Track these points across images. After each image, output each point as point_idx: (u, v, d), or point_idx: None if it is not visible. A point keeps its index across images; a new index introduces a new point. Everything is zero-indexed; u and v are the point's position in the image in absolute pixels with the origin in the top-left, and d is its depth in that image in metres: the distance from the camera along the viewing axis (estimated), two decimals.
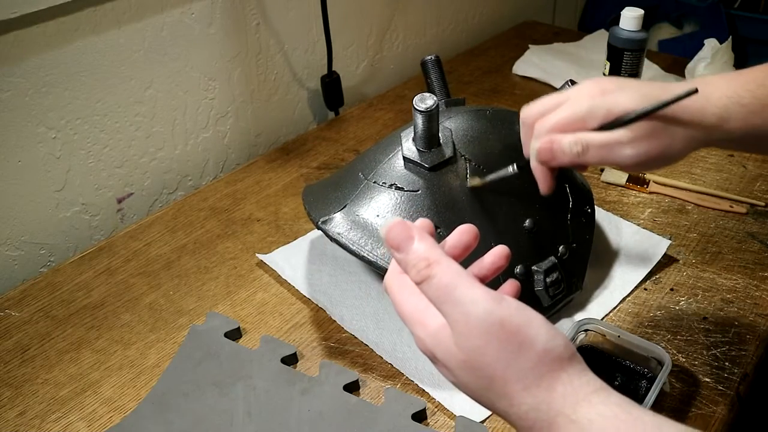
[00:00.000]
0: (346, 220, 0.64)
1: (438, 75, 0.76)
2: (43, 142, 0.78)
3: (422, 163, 0.64)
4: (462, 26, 1.38)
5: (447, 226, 0.62)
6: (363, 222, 0.64)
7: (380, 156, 0.68)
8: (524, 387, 0.37)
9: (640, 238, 0.78)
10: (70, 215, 0.84)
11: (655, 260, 0.74)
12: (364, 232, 0.63)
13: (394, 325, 0.67)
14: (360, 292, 0.71)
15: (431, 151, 0.65)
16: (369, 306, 0.70)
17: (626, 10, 0.94)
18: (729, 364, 0.62)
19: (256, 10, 0.96)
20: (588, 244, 0.71)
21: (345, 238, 0.63)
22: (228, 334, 0.66)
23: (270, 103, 1.04)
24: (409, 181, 0.65)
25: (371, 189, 0.65)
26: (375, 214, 0.64)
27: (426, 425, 0.58)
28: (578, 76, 1.18)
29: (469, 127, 0.68)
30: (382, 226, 0.39)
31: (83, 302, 0.73)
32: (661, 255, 0.74)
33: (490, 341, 0.37)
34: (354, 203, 0.65)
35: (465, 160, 0.66)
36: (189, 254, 0.79)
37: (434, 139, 0.65)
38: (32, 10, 0.72)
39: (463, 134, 0.67)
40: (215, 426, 0.58)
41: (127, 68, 0.84)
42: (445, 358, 0.38)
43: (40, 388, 0.63)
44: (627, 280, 0.72)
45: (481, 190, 0.65)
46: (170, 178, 0.95)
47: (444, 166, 0.65)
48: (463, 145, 0.67)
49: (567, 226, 0.69)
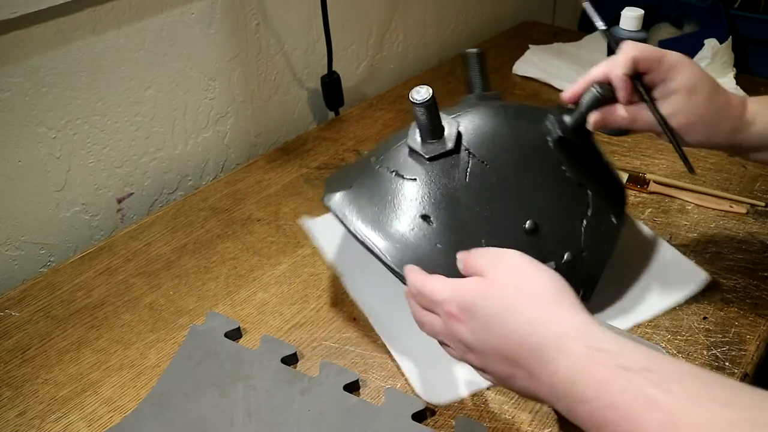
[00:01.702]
0: (346, 198, 0.67)
1: (477, 69, 0.77)
2: (43, 142, 0.78)
3: (422, 153, 0.65)
4: (462, 26, 1.38)
5: (439, 218, 0.63)
6: (361, 202, 0.66)
7: (391, 143, 0.69)
8: (545, 310, 0.44)
9: (676, 264, 0.73)
10: (70, 215, 0.84)
11: (686, 294, 0.69)
12: (360, 212, 0.65)
13: (400, 305, 0.69)
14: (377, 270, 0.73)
15: (433, 143, 0.65)
16: (381, 281, 0.72)
17: (626, 10, 0.94)
18: (729, 364, 0.62)
19: (256, 10, 0.96)
20: (604, 254, 0.67)
21: (341, 215, 0.66)
22: (228, 334, 0.66)
23: (270, 103, 1.04)
24: (409, 170, 0.66)
25: (376, 173, 0.67)
26: (372, 196, 0.66)
27: (426, 425, 0.58)
28: (578, 76, 1.17)
29: (484, 123, 0.68)
30: None
31: (83, 302, 0.73)
32: (694, 290, 0.69)
33: (516, 278, 0.47)
34: (358, 184, 0.67)
35: (469, 154, 0.65)
36: (189, 254, 0.79)
37: (437, 130, 0.65)
38: (32, 10, 0.72)
39: (475, 129, 0.67)
40: (215, 426, 0.58)
41: (127, 68, 0.84)
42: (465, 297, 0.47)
43: (40, 388, 0.63)
44: (645, 305, 0.68)
45: (489, 177, 0.65)
46: (170, 178, 0.95)
47: (443, 158, 0.65)
48: (472, 140, 0.66)
49: (580, 233, 0.66)
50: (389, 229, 0.63)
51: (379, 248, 0.63)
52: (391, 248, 0.62)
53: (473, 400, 0.60)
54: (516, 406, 0.60)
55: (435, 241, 0.62)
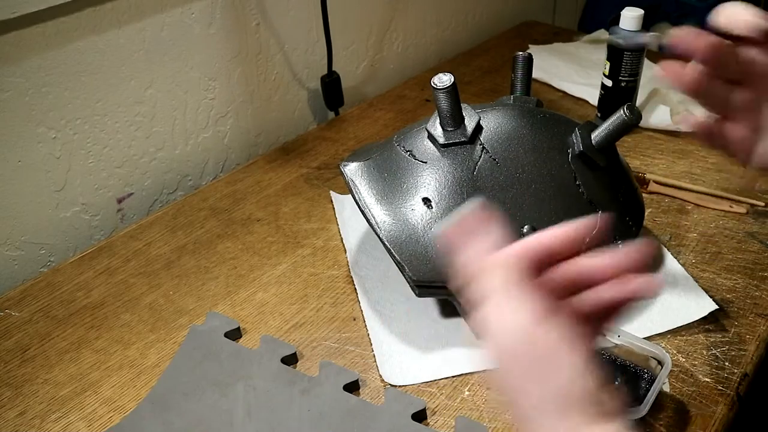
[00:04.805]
0: (361, 168, 0.69)
1: (523, 73, 0.78)
2: (43, 142, 0.78)
3: (437, 138, 0.67)
4: (462, 26, 1.38)
5: (439, 204, 0.64)
6: (372, 175, 0.68)
7: (415, 125, 0.71)
8: (534, 406, 0.36)
9: (685, 289, 0.71)
10: (70, 215, 0.84)
11: (688, 320, 0.67)
12: (369, 184, 0.68)
13: (394, 286, 0.73)
14: (379, 247, 0.76)
15: (451, 131, 0.67)
16: (385, 263, 0.75)
17: (626, 10, 0.94)
18: (729, 364, 0.62)
19: (256, 10, 0.96)
20: None
21: (352, 183, 0.68)
22: (228, 334, 0.66)
23: (270, 103, 1.04)
24: (422, 152, 0.68)
25: (394, 151, 0.69)
26: (384, 171, 0.69)
27: (426, 425, 0.58)
28: (578, 76, 1.18)
29: (506, 123, 0.68)
30: (438, 228, 0.40)
31: (83, 302, 0.73)
32: (696, 318, 0.67)
33: (518, 354, 0.37)
34: (375, 158, 0.70)
35: (483, 149, 0.66)
36: (189, 254, 0.79)
37: (456, 118, 0.66)
38: (32, 10, 0.72)
39: (496, 127, 0.68)
40: (215, 426, 0.58)
41: (127, 68, 0.84)
42: None
43: (40, 388, 0.63)
44: (645, 328, 0.66)
45: (497, 175, 0.65)
46: (170, 178, 0.95)
47: (457, 147, 0.66)
48: (490, 136, 0.67)
49: None
50: (390, 204, 0.66)
51: (376, 220, 0.65)
52: (387, 222, 0.65)
53: (473, 400, 0.60)
54: None
55: (430, 225, 0.64)
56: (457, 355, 0.65)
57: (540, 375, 0.36)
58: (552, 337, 0.36)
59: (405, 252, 0.63)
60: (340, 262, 0.77)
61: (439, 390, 0.62)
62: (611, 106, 0.97)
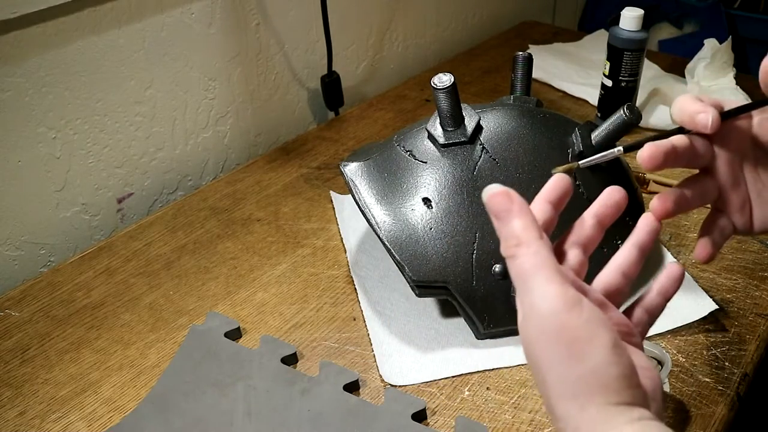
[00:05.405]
0: (361, 168, 0.69)
1: (523, 73, 0.78)
2: (43, 142, 0.78)
3: (436, 138, 0.67)
4: (462, 26, 1.38)
5: (438, 204, 0.65)
6: (372, 175, 0.68)
7: (416, 125, 0.71)
8: (559, 395, 0.36)
9: (685, 289, 0.68)
10: (70, 215, 0.84)
11: (688, 320, 0.66)
12: (369, 184, 0.68)
13: (394, 286, 0.73)
14: (379, 247, 0.77)
15: (451, 131, 0.67)
16: (385, 263, 0.75)
17: (626, 10, 0.94)
18: (729, 364, 0.63)
19: (256, 10, 0.96)
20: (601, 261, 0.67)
21: (351, 182, 0.68)
22: (228, 334, 0.66)
23: (270, 103, 1.04)
24: (422, 152, 0.68)
25: (394, 151, 0.70)
26: (384, 171, 0.69)
27: (426, 425, 0.58)
28: (578, 76, 1.18)
29: (506, 123, 0.69)
30: (486, 189, 0.40)
31: (83, 302, 0.73)
32: (696, 318, 0.66)
33: (543, 340, 0.36)
34: (375, 158, 0.70)
35: (483, 149, 0.66)
36: (189, 254, 0.79)
37: (456, 118, 0.66)
38: (32, 10, 0.72)
39: (496, 127, 0.68)
40: (215, 426, 0.58)
41: (127, 68, 0.84)
42: None
43: (40, 388, 0.63)
44: None
45: (497, 175, 0.65)
46: (170, 178, 0.95)
47: (457, 147, 0.67)
48: (490, 136, 0.67)
49: None
50: (390, 204, 0.66)
51: (376, 220, 0.65)
52: (387, 222, 0.65)
53: (473, 400, 0.60)
54: (516, 406, 0.60)
55: (430, 225, 0.64)
56: (457, 355, 0.65)
57: (572, 357, 0.36)
58: (583, 319, 0.36)
59: (405, 252, 0.63)
60: (340, 262, 0.77)
61: (439, 390, 0.62)
62: (611, 106, 0.97)
